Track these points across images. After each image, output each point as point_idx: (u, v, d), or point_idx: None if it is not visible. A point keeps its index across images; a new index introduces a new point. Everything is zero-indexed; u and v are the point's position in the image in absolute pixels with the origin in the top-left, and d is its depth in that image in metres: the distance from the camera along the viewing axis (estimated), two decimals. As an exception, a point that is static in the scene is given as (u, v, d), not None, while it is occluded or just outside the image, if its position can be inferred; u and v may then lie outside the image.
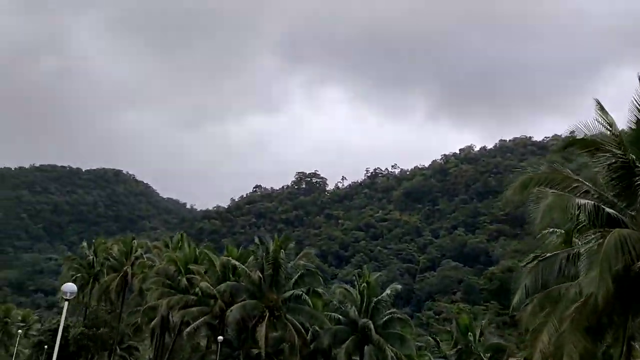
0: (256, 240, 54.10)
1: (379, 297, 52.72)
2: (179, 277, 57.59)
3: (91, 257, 77.90)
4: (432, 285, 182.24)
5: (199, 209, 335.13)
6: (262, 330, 48.55)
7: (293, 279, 51.56)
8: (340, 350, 50.84)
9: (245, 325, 56.00)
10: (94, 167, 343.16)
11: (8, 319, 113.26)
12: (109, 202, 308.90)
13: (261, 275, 50.30)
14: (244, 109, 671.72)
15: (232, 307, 49.96)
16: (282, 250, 50.98)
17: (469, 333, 47.30)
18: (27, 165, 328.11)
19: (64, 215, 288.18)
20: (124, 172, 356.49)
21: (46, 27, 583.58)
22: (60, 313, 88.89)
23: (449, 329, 60.01)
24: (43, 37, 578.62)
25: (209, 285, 53.84)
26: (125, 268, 70.02)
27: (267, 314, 49.44)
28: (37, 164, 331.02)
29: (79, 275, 78.33)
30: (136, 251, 72.46)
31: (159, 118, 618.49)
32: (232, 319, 49.54)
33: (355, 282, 54.92)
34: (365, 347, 52.90)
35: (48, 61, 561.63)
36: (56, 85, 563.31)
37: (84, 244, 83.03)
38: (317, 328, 55.96)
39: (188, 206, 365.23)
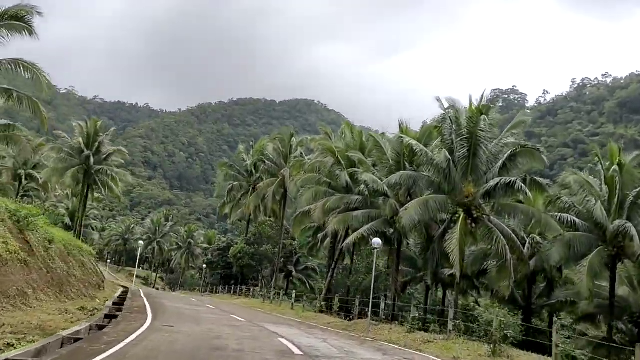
0: (443, 102, 34.46)
1: (641, 188, 32.16)
2: (338, 172, 41.21)
3: (248, 162, 64.37)
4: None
5: (390, 136, 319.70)
6: (454, 240, 30.42)
7: (499, 162, 32.17)
8: (579, 270, 31.30)
9: (429, 236, 38.62)
10: (288, 99, 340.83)
11: (191, 240, 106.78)
12: (302, 132, 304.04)
13: (450, 157, 31.87)
14: (436, 31, 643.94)
15: (407, 205, 32.37)
16: (482, 116, 31.93)
17: None
18: (226, 100, 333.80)
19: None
20: (315, 102, 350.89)
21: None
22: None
23: None
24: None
25: (375, 178, 36.81)
26: (282, 171, 55.37)
27: (462, 216, 31.21)
28: (235, 98, 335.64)
29: (235, 183, 65.53)
30: (296, 150, 57.41)
31: (351, 49, 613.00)
32: (407, 221, 31.33)
33: (599, 165, 34.53)
34: (619, 264, 33.20)
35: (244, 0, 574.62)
36: (252, 23, 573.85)
37: (241, 147, 69.89)
38: (536, 237, 37.00)
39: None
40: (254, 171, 63.35)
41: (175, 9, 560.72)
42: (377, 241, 28.71)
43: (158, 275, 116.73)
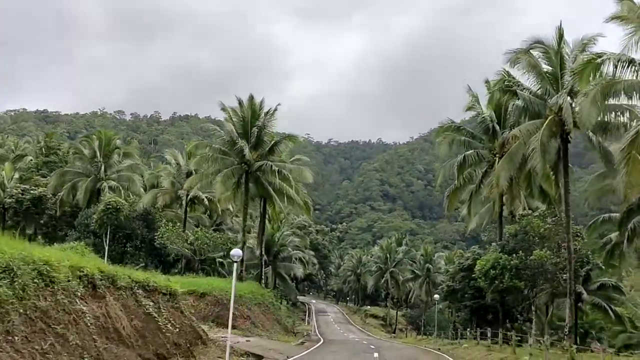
0: None
1: None
2: None
3: (485, 111, 37.20)
4: None
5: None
6: None
7: None
8: None
9: None
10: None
11: (430, 265, 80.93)
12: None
13: None
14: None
15: None
16: None
17: None
18: (457, 120, 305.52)
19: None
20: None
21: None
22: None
23: None
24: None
25: None
26: (554, 102, 27.67)
27: None
28: (468, 117, 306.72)
29: (470, 152, 38.51)
30: (574, 59, 29.04)
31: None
32: None
33: None
34: None
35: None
36: (483, 36, 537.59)
37: (471, 91, 42.30)
38: None
39: None
40: (497, 127, 35.98)
41: (400, 41, 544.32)
42: None
43: (400, 314, 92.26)
